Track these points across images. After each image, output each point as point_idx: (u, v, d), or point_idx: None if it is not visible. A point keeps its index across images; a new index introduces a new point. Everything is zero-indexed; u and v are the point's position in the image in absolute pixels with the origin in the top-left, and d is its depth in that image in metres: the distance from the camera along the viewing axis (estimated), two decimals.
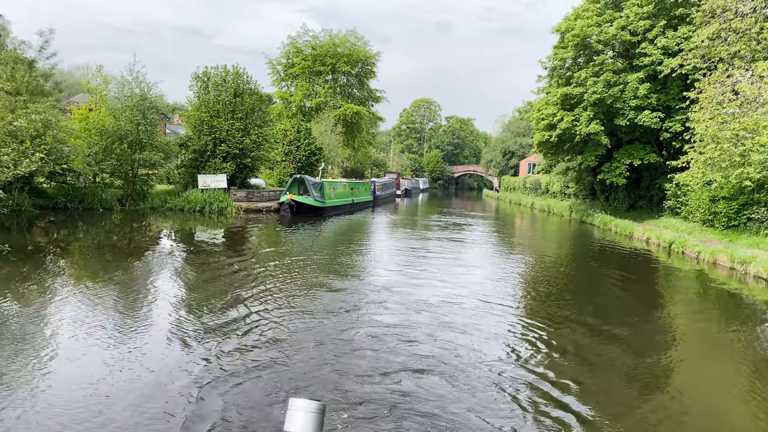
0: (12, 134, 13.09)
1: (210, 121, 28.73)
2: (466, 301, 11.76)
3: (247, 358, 7.43)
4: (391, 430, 5.59)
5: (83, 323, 8.57)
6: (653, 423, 6.28)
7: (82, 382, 6.44)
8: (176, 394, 6.20)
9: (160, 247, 18.02)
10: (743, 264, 17.49)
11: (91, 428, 5.37)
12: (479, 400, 6.52)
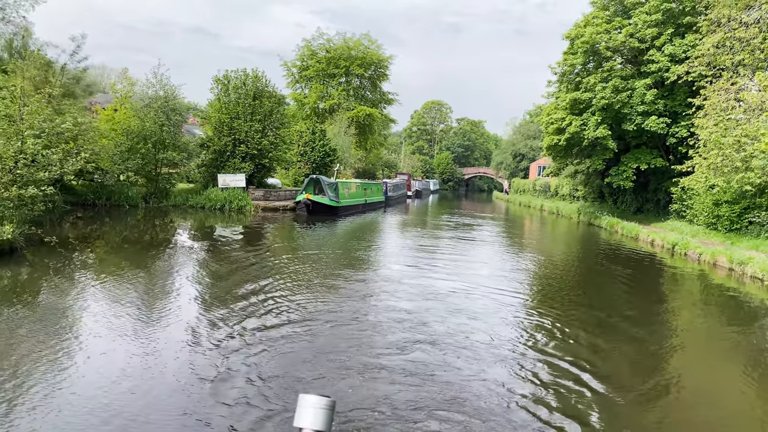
0: (59, 135, 14.24)
1: (230, 123, 29.91)
2: (475, 291, 12.74)
3: (271, 335, 8.42)
4: (403, 390, 6.57)
5: (119, 308, 9.65)
6: (651, 396, 7.21)
7: (114, 366, 6.97)
8: (204, 366, 7.17)
9: (186, 241, 19.17)
10: (741, 265, 18.30)
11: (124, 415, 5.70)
12: (487, 372, 7.49)
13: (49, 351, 7.19)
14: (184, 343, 7.81)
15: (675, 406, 7.05)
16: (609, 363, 8.43)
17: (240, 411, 5.88)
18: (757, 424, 6.65)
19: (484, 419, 6.00)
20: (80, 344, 7.60)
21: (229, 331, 8.49)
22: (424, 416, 5.96)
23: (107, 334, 8.08)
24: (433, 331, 9.25)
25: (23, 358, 6.92)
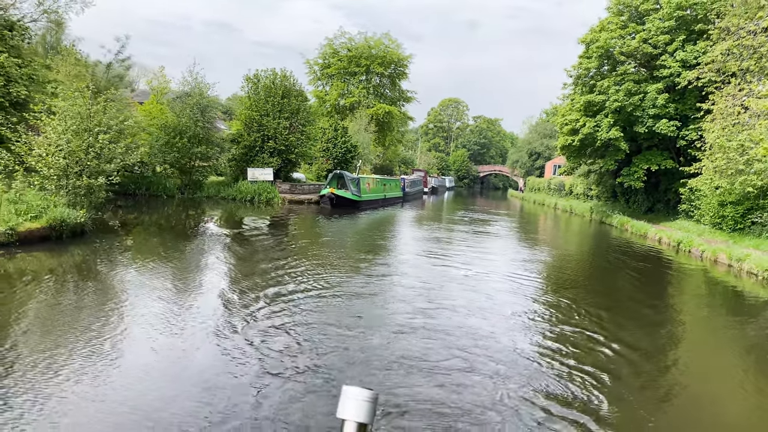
0: (121, 131, 15.98)
1: (260, 120, 31.67)
2: (488, 277, 14.28)
3: (299, 309, 9.96)
4: (421, 349, 8.14)
5: (173, 281, 11.35)
6: (650, 371, 8.72)
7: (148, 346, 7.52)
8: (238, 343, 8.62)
9: (226, 229, 20.96)
10: (739, 261, 19.62)
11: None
12: (497, 334, 9.05)
13: (115, 313, 8.89)
14: (232, 318, 9.44)
15: (672, 376, 8.54)
16: (611, 336, 9.92)
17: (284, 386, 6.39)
18: (741, 392, 8.15)
19: (497, 376, 7.57)
20: (143, 314, 9.25)
21: (268, 303, 10.11)
22: (436, 364, 7.54)
23: (161, 304, 9.75)
24: (450, 304, 10.82)
25: (96, 320, 8.63)
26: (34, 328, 7.60)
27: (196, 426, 5.30)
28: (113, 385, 6.02)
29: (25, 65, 18.59)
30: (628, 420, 6.31)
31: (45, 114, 14.79)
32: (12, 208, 12.47)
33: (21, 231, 12.25)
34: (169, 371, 6.69)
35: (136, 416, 5.41)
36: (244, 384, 6.32)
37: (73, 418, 5.24)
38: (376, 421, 2.48)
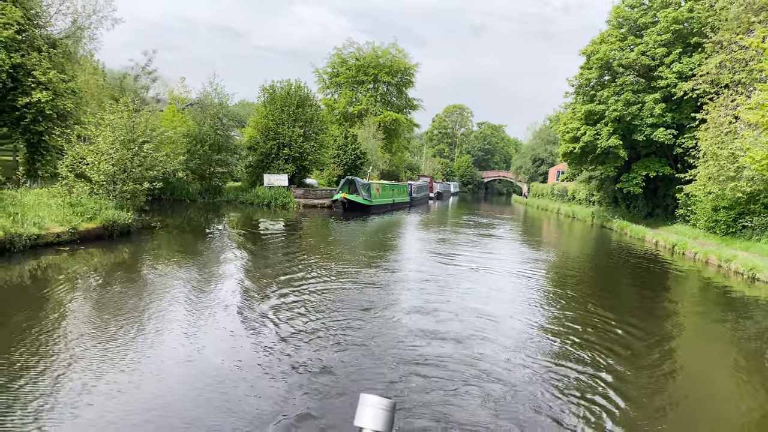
0: (163, 141, 17.62)
1: (276, 128, 33.32)
2: (493, 273, 15.79)
3: (326, 294, 11.54)
4: (433, 335, 9.65)
5: (208, 275, 12.90)
6: (644, 354, 10.22)
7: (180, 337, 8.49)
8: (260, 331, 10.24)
9: (251, 230, 22.58)
10: (727, 262, 21.08)
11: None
12: (500, 328, 10.57)
13: (159, 301, 10.45)
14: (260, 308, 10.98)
15: (663, 359, 10.03)
16: (608, 325, 11.43)
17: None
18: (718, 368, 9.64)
19: (499, 361, 9.09)
20: (189, 302, 10.81)
21: (291, 294, 11.66)
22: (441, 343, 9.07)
23: (198, 293, 11.31)
24: (457, 296, 12.35)
25: (142, 308, 10.19)
26: (93, 315, 9.14)
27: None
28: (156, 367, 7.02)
29: (68, 80, 20.26)
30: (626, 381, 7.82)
31: (94, 125, 16.43)
32: (71, 210, 14.08)
33: (81, 230, 13.86)
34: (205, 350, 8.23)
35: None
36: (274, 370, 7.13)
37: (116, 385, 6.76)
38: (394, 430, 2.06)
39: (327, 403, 6.19)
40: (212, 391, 6.23)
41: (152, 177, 16.69)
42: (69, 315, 8.66)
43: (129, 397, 5.87)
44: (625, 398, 7.03)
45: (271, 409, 5.90)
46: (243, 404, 5.94)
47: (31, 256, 12.26)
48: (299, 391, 6.43)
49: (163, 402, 5.89)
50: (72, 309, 9.03)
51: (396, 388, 6.68)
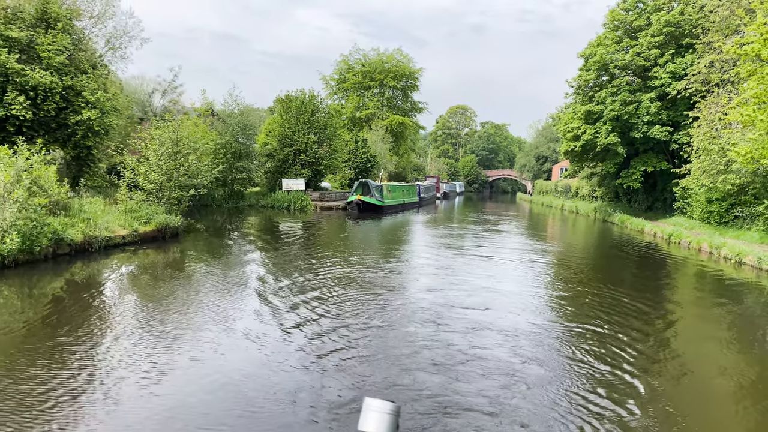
0: (205, 152, 19.69)
1: (292, 136, 35.36)
2: (502, 262, 17.70)
3: (352, 277, 13.46)
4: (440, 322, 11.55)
5: (251, 272, 14.84)
6: (643, 339, 12.09)
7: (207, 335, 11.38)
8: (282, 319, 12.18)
9: (279, 230, 24.52)
10: (717, 249, 22.90)
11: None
12: (506, 321, 12.45)
13: (214, 296, 12.41)
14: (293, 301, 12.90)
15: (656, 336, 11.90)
16: (611, 308, 13.30)
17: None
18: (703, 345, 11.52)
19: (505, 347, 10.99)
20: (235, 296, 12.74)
21: (314, 289, 13.59)
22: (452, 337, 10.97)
23: (239, 285, 13.26)
24: (469, 286, 14.27)
25: (196, 298, 12.14)
26: (152, 305, 11.09)
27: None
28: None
29: (111, 98, 22.30)
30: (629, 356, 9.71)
31: (144, 141, 18.49)
32: (130, 215, 16.09)
33: (140, 233, 15.87)
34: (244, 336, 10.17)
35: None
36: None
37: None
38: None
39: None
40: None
41: (196, 185, 18.73)
42: (140, 302, 10.63)
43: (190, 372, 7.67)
44: (630, 360, 8.92)
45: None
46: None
47: (105, 255, 14.26)
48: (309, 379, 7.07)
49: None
50: (142, 297, 11.02)
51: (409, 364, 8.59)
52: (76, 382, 6.42)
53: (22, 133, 19.26)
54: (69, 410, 5.71)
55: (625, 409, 6.53)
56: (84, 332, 8.31)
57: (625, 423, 6.18)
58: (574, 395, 6.86)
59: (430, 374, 7.24)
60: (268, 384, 6.69)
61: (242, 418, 5.84)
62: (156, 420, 5.66)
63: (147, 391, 6.30)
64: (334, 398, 6.40)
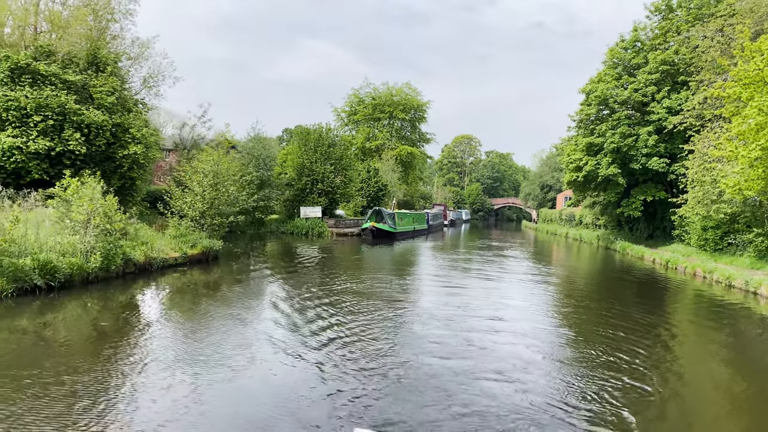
0: (242, 184, 21.79)
1: (310, 166, 37.60)
2: (508, 284, 19.53)
3: (375, 290, 15.31)
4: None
5: (286, 291, 16.73)
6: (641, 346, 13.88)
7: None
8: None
9: (300, 254, 26.48)
10: (710, 273, 24.67)
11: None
12: (516, 325, 14.27)
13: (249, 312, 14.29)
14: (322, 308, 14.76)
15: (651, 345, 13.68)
16: (611, 318, 15.11)
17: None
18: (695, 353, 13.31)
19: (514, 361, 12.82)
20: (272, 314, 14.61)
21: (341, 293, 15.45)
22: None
23: (280, 300, 15.14)
24: (477, 302, 16.11)
25: (228, 315, 14.02)
26: (200, 320, 12.96)
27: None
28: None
29: (154, 134, 24.55)
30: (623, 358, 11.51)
31: (188, 174, 20.64)
32: (178, 240, 18.09)
33: (189, 255, 17.85)
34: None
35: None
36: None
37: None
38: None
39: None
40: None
41: (234, 212, 20.81)
42: (192, 314, 12.49)
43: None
44: (632, 364, 10.73)
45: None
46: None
47: (161, 274, 16.24)
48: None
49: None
50: (194, 311, 12.90)
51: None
52: (140, 375, 8.21)
53: (75, 166, 21.40)
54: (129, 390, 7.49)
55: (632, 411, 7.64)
56: (147, 337, 10.15)
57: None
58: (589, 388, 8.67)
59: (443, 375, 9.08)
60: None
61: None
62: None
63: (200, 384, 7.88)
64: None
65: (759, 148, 18.68)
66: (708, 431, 7.52)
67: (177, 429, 6.13)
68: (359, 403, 7.06)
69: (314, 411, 6.84)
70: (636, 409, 7.52)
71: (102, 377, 7.61)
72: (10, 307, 11.08)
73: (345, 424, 6.36)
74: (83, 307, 12.16)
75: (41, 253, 12.27)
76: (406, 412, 6.80)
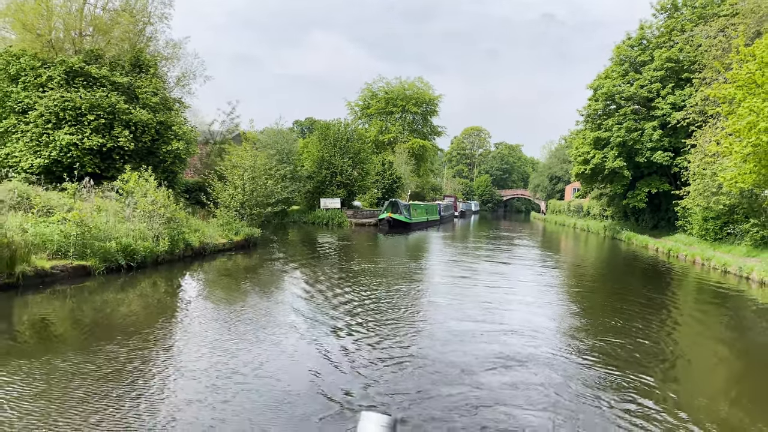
0: (276, 178, 23.90)
1: (330, 160, 39.63)
2: (518, 270, 21.47)
3: (394, 273, 17.29)
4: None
5: (314, 275, 18.76)
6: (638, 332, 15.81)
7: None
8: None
9: (326, 242, 28.56)
10: (708, 260, 26.52)
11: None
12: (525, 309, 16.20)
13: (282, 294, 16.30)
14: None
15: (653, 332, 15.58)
16: (617, 306, 17.02)
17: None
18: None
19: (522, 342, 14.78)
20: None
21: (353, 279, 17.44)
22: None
23: (309, 282, 17.17)
24: (488, 287, 18.07)
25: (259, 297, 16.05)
26: (250, 295, 14.99)
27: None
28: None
29: (193, 131, 26.59)
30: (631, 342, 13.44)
31: (227, 168, 22.73)
32: (224, 228, 20.18)
33: (234, 241, 19.94)
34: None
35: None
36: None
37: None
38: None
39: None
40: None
41: (271, 203, 22.90)
42: (243, 292, 14.56)
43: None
44: (636, 344, 12.66)
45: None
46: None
47: (213, 258, 18.36)
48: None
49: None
50: (244, 289, 14.95)
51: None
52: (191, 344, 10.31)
53: (124, 160, 23.49)
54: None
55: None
56: (212, 310, 12.24)
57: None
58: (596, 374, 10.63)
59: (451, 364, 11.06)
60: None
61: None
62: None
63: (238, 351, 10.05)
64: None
65: (750, 145, 20.41)
66: (706, 390, 8.67)
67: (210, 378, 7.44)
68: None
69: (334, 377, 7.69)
70: (644, 370, 8.93)
71: (182, 334, 9.70)
72: (102, 282, 13.19)
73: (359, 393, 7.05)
74: (163, 281, 14.50)
75: (122, 238, 14.33)
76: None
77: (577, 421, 6.67)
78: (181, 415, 6.17)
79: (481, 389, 7.51)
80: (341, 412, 6.50)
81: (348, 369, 8.06)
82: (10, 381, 6.80)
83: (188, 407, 6.38)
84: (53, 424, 5.72)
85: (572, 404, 7.18)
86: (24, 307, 10.72)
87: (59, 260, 12.64)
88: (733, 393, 8.51)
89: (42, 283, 11.85)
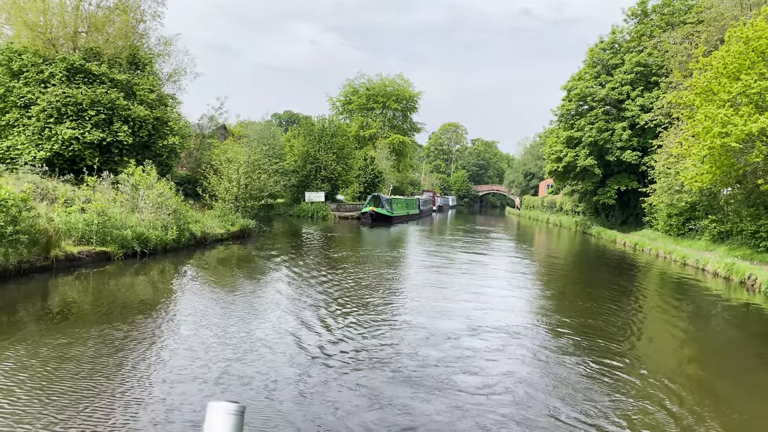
0: (270, 172, 25.13)
1: (314, 155, 40.93)
2: (492, 259, 23.17)
3: (377, 265, 18.84)
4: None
5: (308, 261, 20.20)
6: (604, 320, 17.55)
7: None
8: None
9: (312, 233, 29.90)
10: (669, 254, 28.63)
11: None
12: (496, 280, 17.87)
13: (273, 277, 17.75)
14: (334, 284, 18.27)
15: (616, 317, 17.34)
16: (586, 291, 18.75)
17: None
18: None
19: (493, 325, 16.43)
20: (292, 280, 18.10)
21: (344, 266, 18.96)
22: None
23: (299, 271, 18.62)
24: (457, 280, 19.71)
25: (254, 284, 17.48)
26: (250, 276, 16.42)
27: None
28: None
29: (187, 126, 27.66)
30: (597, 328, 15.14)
31: (222, 162, 23.94)
32: (221, 219, 21.45)
33: (231, 232, 21.23)
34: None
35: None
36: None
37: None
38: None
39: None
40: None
41: (264, 196, 24.20)
42: (240, 277, 15.98)
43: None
44: (603, 331, 14.36)
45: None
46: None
47: (212, 247, 19.65)
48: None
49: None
50: (241, 275, 16.39)
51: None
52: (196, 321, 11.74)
53: (122, 155, 24.51)
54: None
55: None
56: (220, 287, 13.68)
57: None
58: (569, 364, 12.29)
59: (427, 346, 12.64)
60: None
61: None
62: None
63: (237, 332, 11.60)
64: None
65: (706, 148, 22.39)
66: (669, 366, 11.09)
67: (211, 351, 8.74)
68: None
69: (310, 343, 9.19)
70: (608, 338, 11.02)
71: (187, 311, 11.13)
72: (121, 267, 14.45)
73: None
74: (173, 266, 15.90)
75: (135, 227, 15.57)
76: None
77: (548, 373, 8.29)
78: (190, 354, 8.22)
79: (460, 349, 9.15)
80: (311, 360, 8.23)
81: (324, 332, 9.78)
82: (74, 343, 8.23)
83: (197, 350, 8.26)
84: (119, 365, 7.17)
85: (543, 362, 8.81)
86: (66, 286, 12.10)
87: (83, 246, 13.85)
88: (686, 353, 10.40)
89: (72, 266, 13.10)
